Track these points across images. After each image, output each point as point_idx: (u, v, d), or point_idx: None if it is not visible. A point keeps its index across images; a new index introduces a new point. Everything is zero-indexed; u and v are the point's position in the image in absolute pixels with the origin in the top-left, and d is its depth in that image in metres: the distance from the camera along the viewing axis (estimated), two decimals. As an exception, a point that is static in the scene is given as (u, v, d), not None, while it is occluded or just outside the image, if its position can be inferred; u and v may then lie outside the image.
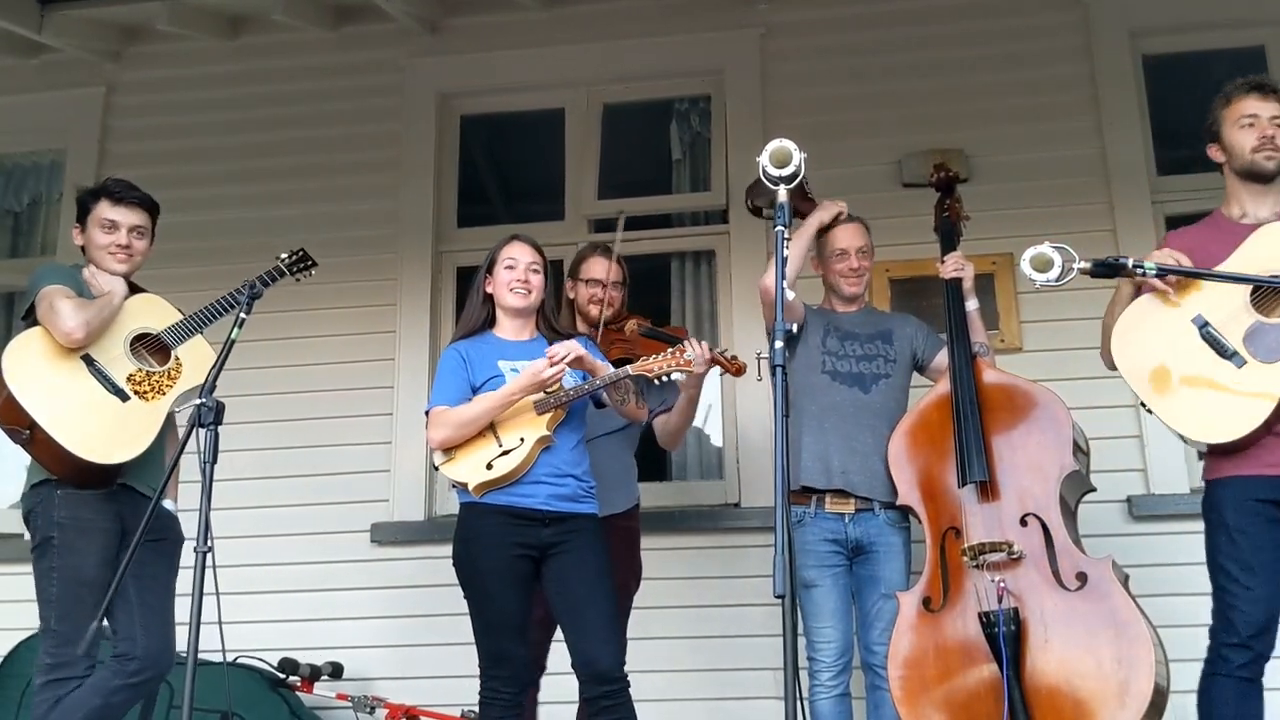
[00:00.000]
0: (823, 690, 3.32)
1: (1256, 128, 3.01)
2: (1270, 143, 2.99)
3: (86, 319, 3.11)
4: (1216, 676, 2.80)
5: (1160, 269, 2.55)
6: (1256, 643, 2.77)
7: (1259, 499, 2.82)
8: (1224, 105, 3.08)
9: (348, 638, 4.34)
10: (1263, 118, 3.01)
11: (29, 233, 5.24)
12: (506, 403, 3.15)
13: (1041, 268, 2.61)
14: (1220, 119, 3.08)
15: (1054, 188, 4.39)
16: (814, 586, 3.37)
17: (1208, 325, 2.86)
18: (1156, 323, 2.95)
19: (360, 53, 5.03)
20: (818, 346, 3.53)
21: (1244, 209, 3.06)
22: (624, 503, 3.58)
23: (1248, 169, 3.03)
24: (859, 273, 3.61)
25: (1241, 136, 3.02)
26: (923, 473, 3.33)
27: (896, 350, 3.58)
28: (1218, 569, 2.87)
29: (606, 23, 4.89)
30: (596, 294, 3.69)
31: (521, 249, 3.35)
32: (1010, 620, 3.04)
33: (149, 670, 3.11)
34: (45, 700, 3.03)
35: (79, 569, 3.08)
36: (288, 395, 4.65)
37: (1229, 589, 2.82)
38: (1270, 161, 3.00)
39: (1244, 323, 2.84)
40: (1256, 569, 2.79)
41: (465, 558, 3.16)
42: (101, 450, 3.08)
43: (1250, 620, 2.77)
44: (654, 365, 3.19)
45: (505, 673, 3.09)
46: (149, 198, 3.37)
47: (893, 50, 4.69)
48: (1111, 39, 4.57)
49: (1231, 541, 2.83)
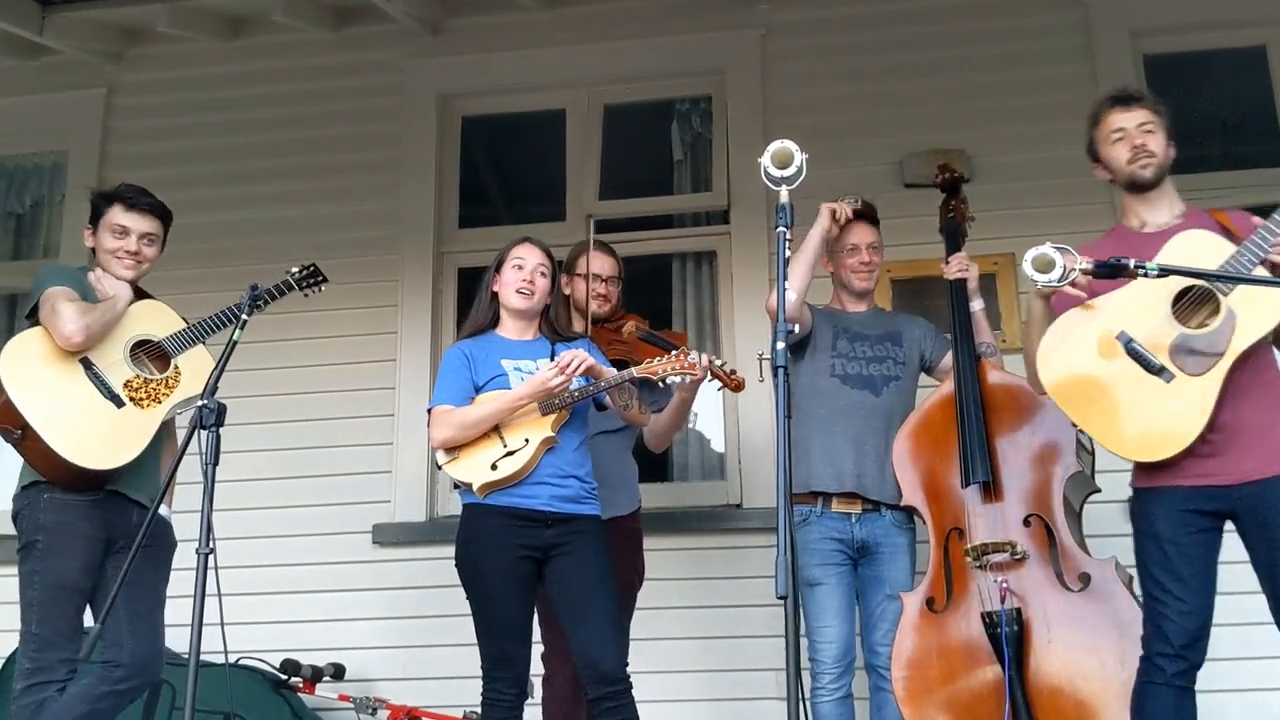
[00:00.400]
0: (824, 693, 3.31)
1: (1126, 140, 3.01)
2: (1143, 151, 2.99)
3: (87, 323, 3.10)
4: (1151, 685, 2.78)
5: (1162, 269, 2.54)
6: (1190, 653, 2.75)
7: (1189, 510, 2.79)
8: (1093, 125, 3.10)
9: (350, 639, 4.34)
10: (1130, 129, 3.01)
11: (31, 234, 5.24)
12: (513, 408, 3.15)
13: (1043, 268, 2.59)
14: (1095, 139, 3.09)
15: (1055, 188, 4.39)
16: (818, 585, 3.36)
17: (1133, 341, 2.81)
18: (1079, 341, 2.90)
19: (361, 54, 5.03)
20: (827, 350, 3.51)
21: (1141, 219, 3.05)
22: (627, 505, 3.58)
23: (1129, 181, 3.04)
24: (870, 267, 3.61)
25: (1115, 151, 3.03)
26: (927, 473, 3.33)
27: (905, 352, 3.57)
28: (1149, 579, 2.84)
29: (607, 23, 4.89)
30: (595, 289, 3.67)
31: (531, 251, 3.35)
32: (1013, 621, 3.04)
33: (136, 677, 3.10)
34: (27, 705, 3.00)
35: (61, 574, 3.07)
36: (289, 396, 4.65)
37: (1161, 599, 2.79)
38: (1146, 170, 3.00)
39: (1169, 335, 2.80)
40: (1187, 579, 2.77)
41: (468, 559, 3.16)
42: (91, 455, 3.07)
43: (1182, 630, 2.75)
44: (658, 368, 3.19)
45: (507, 674, 3.09)
46: (162, 205, 3.37)
47: (894, 50, 4.69)
48: (1112, 39, 4.57)
49: (1163, 552, 2.80)
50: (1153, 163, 3.00)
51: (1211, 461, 2.78)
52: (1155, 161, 3.00)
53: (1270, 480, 2.76)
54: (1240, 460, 2.77)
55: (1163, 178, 3.03)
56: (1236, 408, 2.78)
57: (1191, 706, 2.77)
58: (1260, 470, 2.76)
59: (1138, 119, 3.03)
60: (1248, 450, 2.77)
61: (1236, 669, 2.82)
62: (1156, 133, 3.03)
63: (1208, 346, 2.75)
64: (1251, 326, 2.73)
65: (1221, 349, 2.74)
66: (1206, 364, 2.75)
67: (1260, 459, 2.77)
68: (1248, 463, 2.77)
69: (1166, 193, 3.05)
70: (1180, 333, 2.79)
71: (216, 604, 2.64)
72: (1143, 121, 3.03)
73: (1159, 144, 3.02)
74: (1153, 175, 3.01)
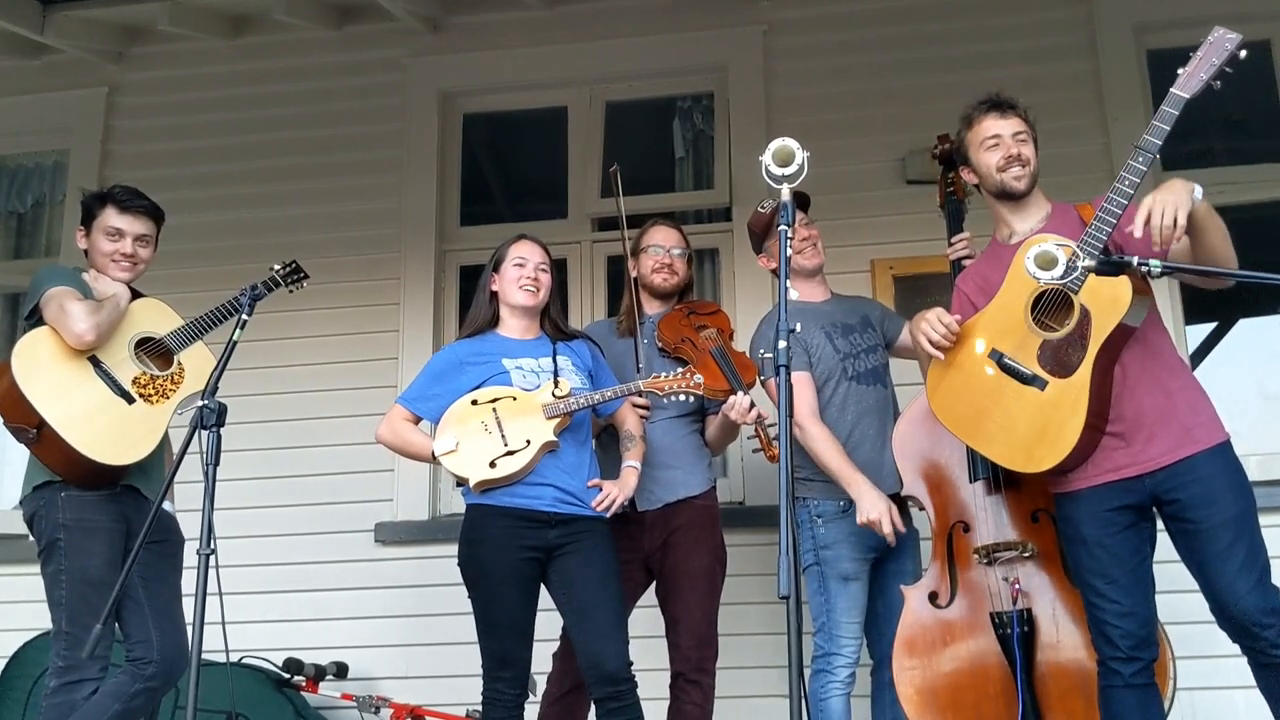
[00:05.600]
0: (839, 687, 3.27)
1: (1001, 147, 2.99)
2: (1016, 160, 2.98)
3: (97, 321, 3.12)
4: (1113, 690, 2.78)
5: (1165, 267, 2.53)
6: (1140, 652, 2.76)
7: (1110, 508, 2.79)
8: (967, 128, 3.08)
9: (352, 637, 4.35)
10: (1005, 136, 3.00)
11: (32, 234, 5.25)
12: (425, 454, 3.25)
13: (1046, 266, 2.58)
14: (966, 142, 3.08)
15: (1058, 184, 4.31)
16: (854, 579, 3.33)
17: (1003, 356, 2.84)
18: (959, 368, 2.93)
19: (363, 52, 5.03)
20: (833, 354, 3.45)
21: (1010, 228, 3.05)
22: (699, 484, 3.49)
23: (999, 189, 3.02)
24: (811, 241, 3.51)
25: (987, 157, 3.01)
26: (928, 463, 3.27)
27: (878, 335, 3.56)
28: (1083, 584, 2.85)
29: (609, 21, 4.89)
30: (661, 259, 3.61)
31: (531, 248, 3.35)
32: (1025, 621, 3.02)
33: (166, 673, 3.13)
34: (59, 704, 3.02)
35: (86, 570, 3.08)
36: (290, 395, 4.65)
37: (1098, 604, 2.80)
38: (1019, 181, 2.99)
39: (1034, 344, 2.82)
40: (1120, 580, 2.77)
41: (471, 559, 3.16)
42: (109, 451, 3.09)
43: (1126, 633, 2.75)
44: (664, 384, 3.20)
45: (509, 674, 3.09)
46: (155, 206, 3.38)
47: (895, 47, 4.68)
48: (1116, 35, 4.55)
49: (1091, 556, 2.80)
50: (1026, 173, 3.00)
51: (1120, 454, 2.79)
52: (1028, 172, 3.00)
53: (1179, 465, 2.75)
54: (1146, 447, 2.77)
55: (1033, 187, 3.02)
56: (1136, 396, 2.79)
57: (1154, 700, 2.78)
58: (1169, 454, 2.76)
59: (1013, 127, 3.02)
60: (1153, 437, 2.78)
61: (1240, 665, 2.81)
62: (1029, 142, 3.02)
63: (1071, 346, 2.77)
64: (1104, 317, 2.75)
65: (1084, 347, 2.75)
66: (1072, 364, 2.76)
67: (1165, 443, 2.77)
68: (1154, 448, 2.77)
69: (1035, 200, 3.04)
70: (1043, 338, 2.81)
71: (218, 603, 2.64)
72: (1018, 130, 3.02)
73: (1031, 154, 3.01)
74: (1025, 187, 3.00)
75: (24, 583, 3.41)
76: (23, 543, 3.47)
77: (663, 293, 3.64)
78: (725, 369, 3.37)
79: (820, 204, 3.67)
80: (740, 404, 3.22)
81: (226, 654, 2.77)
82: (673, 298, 3.67)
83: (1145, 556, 2.83)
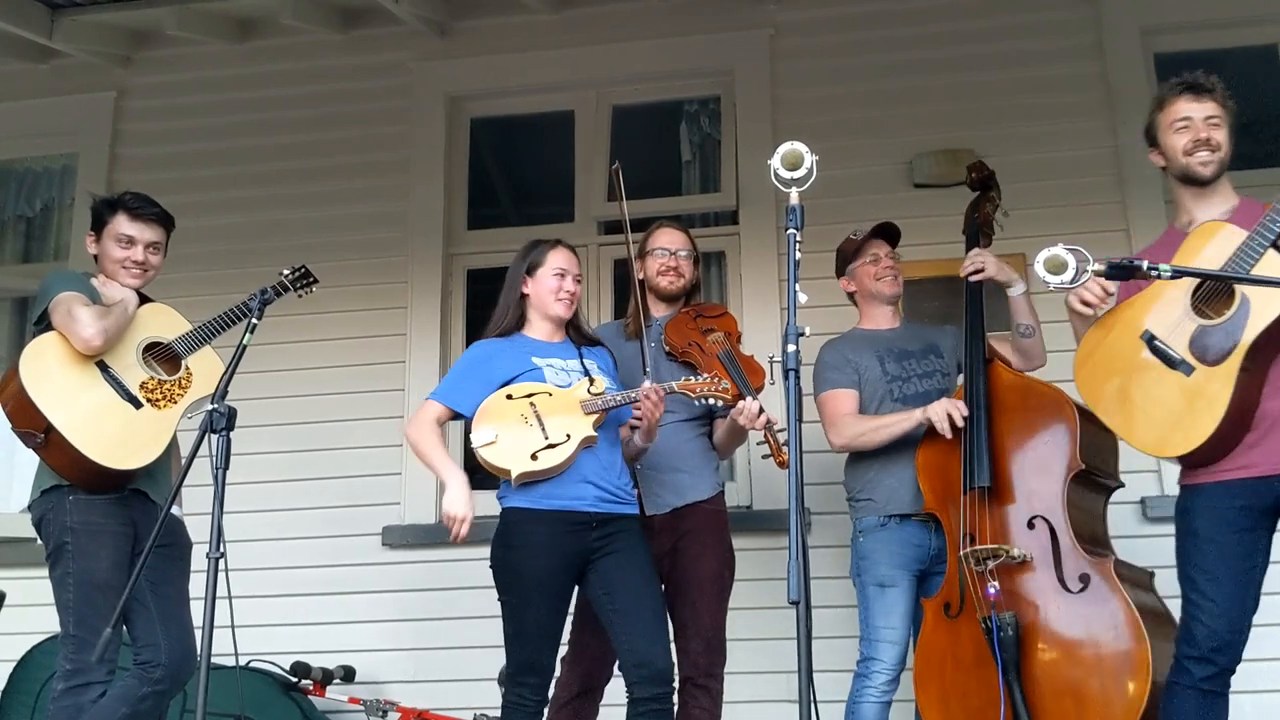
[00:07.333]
0: (874, 693, 3.26)
1: (1190, 130, 2.90)
2: (1205, 145, 2.88)
3: (105, 326, 3.13)
4: (1178, 687, 2.72)
5: (1176, 270, 2.52)
6: (1218, 657, 2.68)
7: (1234, 506, 2.72)
8: (1158, 109, 2.98)
9: (360, 641, 4.35)
10: (1196, 120, 2.90)
11: (41, 238, 5.26)
12: (438, 474, 3.21)
13: (1055, 269, 2.56)
14: (1156, 123, 2.98)
15: (1066, 187, 4.37)
16: (890, 587, 3.33)
17: (1155, 339, 2.80)
18: (1109, 346, 2.89)
19: (370, 55, 5.03)
20: (880, 376, 3.46)
21: (1190, 215, 2.95)
22: (707, 489, 3.47)
23: (1183, 173, 2.94)
24: (894, 272, 3.55)
25: (1175, 140, 2.91)
26: (943, 479, 3.30)
27: (947, 363, 3.55)
28: (1184, 577, 2.78)
29: (615, 24, 4.89)
30: (664, 263, 3.60)
31: (571, 260, 3.33)
32: (1006, 625, 3.03)
33: (173, 677, 3.12)
34: (67, 708, 3.02)
35: (92, 573, 3.08)
36: (298, 398, 4.66)
37: (1193, 599, 2.74)
38: (1205, 167, 2.89)
39: (1188, 330, 2.77)
40: (1222, 579, 2.70)
41: (508, 564, 3.09)
42: (117, 456, 3.10)
43: (1212, 633, 2.68)
44: (698, 387, 3.18)
45: (534, 681, 3.05)
46: (165, 213, 3.38)
47: (903, 49, 4.67)
48: (1123, 37, 4.55)
49: (1200, 551, 2.74)
50: (1214, 159, 2.89)
51: (1255, 451, 2.72)
52: (1217, 158, 2.90)
53: None
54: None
55: (1220, 175, 2.92)
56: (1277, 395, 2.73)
57: (1221, 712, 2.70)
58: None
59: (1206, 111, 2.90)
60: None
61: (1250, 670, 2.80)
62: (1222, 127, 2.91)
63: (1224, 336, 2.72)
64: (1264, 311, 2.69)
65: (1238, 337, 2.70)
66: (1223, 353, 2.72)
67: None
68: None
69: (1221, 189, 2.95)
70: (1199, 325, 2.77)
71: (227, 606, 2.64)
72: (1210, 114, 2.90)
73: (1223, 139, 2.90)
74: (1212, 174, 2.90)
75: (33, 586, 3.41)
76: (32, 546, 3.48)
77: (669, 295, 3.63)
78: (733, 373, 3.35)
79: (826, 207, 3.67)
80: (749, 409, 3.20)
81: (236, 657, 2.77)
82: (679, 300, 3.66)
83: (1256, 566, 2.73)
